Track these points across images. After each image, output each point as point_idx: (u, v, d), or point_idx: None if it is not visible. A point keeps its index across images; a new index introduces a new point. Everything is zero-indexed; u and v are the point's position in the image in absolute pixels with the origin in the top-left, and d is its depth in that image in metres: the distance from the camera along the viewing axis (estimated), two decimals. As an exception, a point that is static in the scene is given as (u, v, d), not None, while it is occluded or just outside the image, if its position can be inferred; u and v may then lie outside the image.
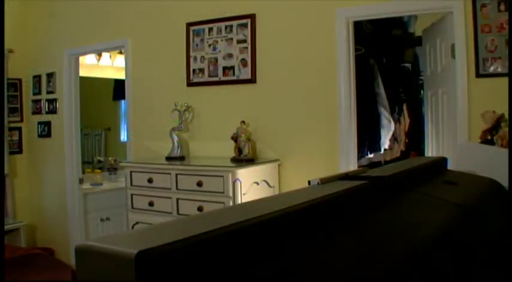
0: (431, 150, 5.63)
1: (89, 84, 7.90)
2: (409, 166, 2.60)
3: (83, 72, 7.48)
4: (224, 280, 1.13)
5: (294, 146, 5.16)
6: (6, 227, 7.04)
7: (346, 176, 2.08)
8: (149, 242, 1.01)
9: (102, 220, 7.51)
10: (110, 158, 8.57)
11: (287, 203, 1.45)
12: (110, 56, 8.61)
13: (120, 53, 8.47)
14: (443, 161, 3.13)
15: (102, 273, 1.01)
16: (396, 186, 2.15)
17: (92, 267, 1.04)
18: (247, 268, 1.22)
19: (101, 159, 8.65)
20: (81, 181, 7.24)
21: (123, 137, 8.96)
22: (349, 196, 1.77)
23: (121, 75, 8.12)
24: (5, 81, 7.19)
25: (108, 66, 8.68)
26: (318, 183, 1.90)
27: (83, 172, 7.52)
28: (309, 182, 1.92)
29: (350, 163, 4.95)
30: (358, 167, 5.09)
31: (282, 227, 1.38)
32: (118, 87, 8.72)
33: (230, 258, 1.16)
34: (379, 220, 1.84)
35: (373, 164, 6.33)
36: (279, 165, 5.21)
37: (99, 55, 8.43)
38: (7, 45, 7.48)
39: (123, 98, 7.88)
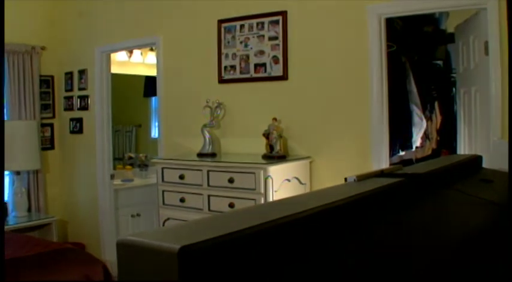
0: (463, 148, 5.58)
1: (120, 81, 7.93)
2: (445, 164, 2.58)
3: (114, 69, 7.51)
4: (267, 274, 1.13)
5: (326, 143, 5.14)
6: (39, 222, 7.11)
7: (382, 173, 2.07)
8: (191, 237, 1.01)
9: (132, 216, 7.56)
10: (140, 155, 8.61)
11: (327, 199, 1.45)
12: (141, 53, 8.64)
13: (151, 50, 8.50)
14: (478, 159, 3.11)
15: (143, 267, 1.02)
16: (433, 183, 2.14)
17: (133, 261, 1.04)
18: (290, 262, 1.22)
19: (132, 155, 8.69)
20: (112, 177, 7.28)
21: (154, 133, 9.00)
22: (387, 193, 1.77)
23: (152, 72, 8.15)
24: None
25: (139, 63, 8.72)
26: (355, 180, 1.89)
27: (114, 168, 7.57)
28: (346, 179, 1.91)
29: (382, 161, 4.92)
30: (390, 164, 5.06)
31: (324, 222, 1.38)
32: (149, 84, 8.76)
33: (273, 253, 1.16)
34: (417, 217, 1.84)
35: (404, 162, 6.28)
36: (310, 162, 5.20)
37: (131, 52, 8.46)
38: (40, 42, 7.56)
39: (154, 94, 7.91)
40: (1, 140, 3.72)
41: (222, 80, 5.79)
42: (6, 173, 7.39)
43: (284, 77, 5.36)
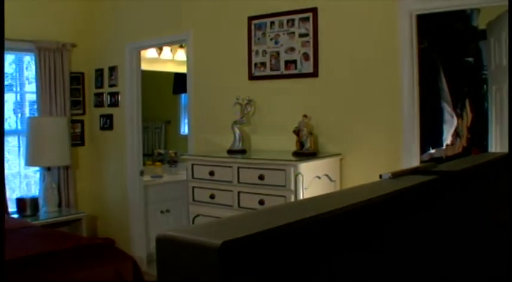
0: (494, 146, 5.53)
1: (149, 78, 7.97)
2: (478, 162, 2.56)
3: (144, 66, 7.55)
4: (305, 270, 1.13)
5: (356, 140, 5.12)
6: (69, 217, 7.18)
7: (416, 170, 2.05)
8: (231, 233, 1.01)
9: (162, 212, 7.60)
10: (170, 151, 8.65)
11: (363, 196, 1.45)
12: (171, 50, 8.68)
13: (181, 47, 8.54)
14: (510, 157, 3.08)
15: (183, 263, 1.02)
16: (468, 181, 2.12)
17: (172, 256, 1.04)
18: (329, 258, 1.22)
19: (161, 152, 8.73)
20: (141, 173, 7.32)
21: (183, 130, 9.03)
22: (423, 190, 1.76)
23: (181, 69, 8.18)
24: None
25: (168, 59, 8.75)
26: (390, 177, 1.88)
27: (144, 164, 7.60)
28: (381, 176, 1.90)
29: (412, 158, 4.89)
30: (420, 162, 5.03)
31: (362, 218, 1.38)
32: (178, 81, 8.79)
33: (311, 249, 1.16)
34: (452, 214, 1.83)
35: (434, 160, 6.25)
36: (340, 159, 5.18)
37: (160, 49, 8.50)
38: (70, 39, 7.61)
39: (183, 91, 7.94)
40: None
41: (252, 77, 5.80)
42: (36, 168, 7.46)
43: (314, 73, 5.35)
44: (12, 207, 6.99)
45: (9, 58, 7.58)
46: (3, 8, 3.95)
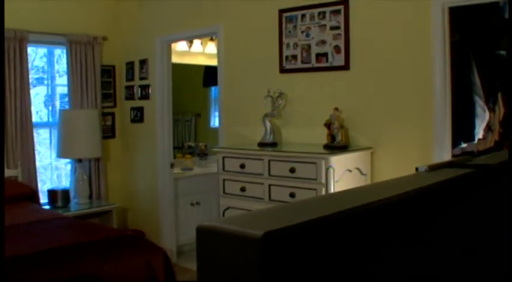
0: (527, 141, 5.48)
1: (179, 71, 7.99)
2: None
3: (174, 59, 7.58)
4: (346, 260, 1.13)
5: (387, 134, 5.09)
6: (100, 209, 7.24)
7: (452, 164, 2.04)
8: (273, 223, 1.01)
9: (192, 204, 7.62)
10: (200, 144, 8.67)
11: (401, 188, 1.44)
12: (201, 43, 8.68)
13: (211, 39, 8.54)
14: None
15: (224, 253, 1.02)
16: (504, 175, 2.11)
17: (213, 247, 1.04)
18: (369, 249, 1.21)
19: (192, 144, 8.75)
20: (172, 166, 7.35)
21: (213, 123, 9.05)
22: (460, 183, 1.75)
23: (211, 62, 8.19)
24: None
25: (199, 52, 8.76)
26: (426, 170, 1.86)
27: (174, 157, 7.62)
28: (417, 169, 1.89)
29: (444, 152, 4.85)
30: (452, 156, 4.99)
31: (401, 210, 1.37)
32: (208, 74, 8.80)
33: (351, 240, 1.15)
34: (488, 208, 1.81)
35: (466, 154, 6.20)
36: (371, 153, 5.16)
37: (191, 42, 8.51)
38: (101, 32, 7.66)
39: (214, 84, 7.95)
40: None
41: (283, 70, 5.78)
42: (67, 160, 7.51)
43: (346, 66, 5.32)
44: (43, 199, 7.04)
45: (40, 51, 7.65)
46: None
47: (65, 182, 7.81)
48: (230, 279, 0.99)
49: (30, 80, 7.11)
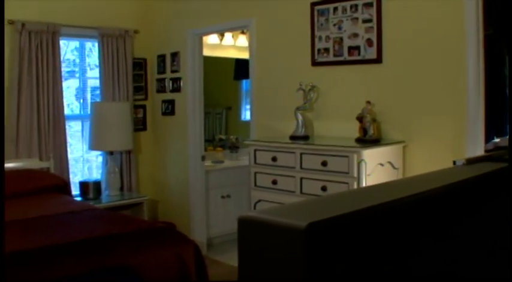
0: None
1: (210, 64, 7.99)
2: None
3: (205, 52, 7.58)
4: (385, 252, 1.13)
5: (419, 127, 5.05)
6: (131, 201, 7.29)
7: (490, 158, 2.03)
8: (315, 215, 1.01)
9: (222, 197, 7.63)
10: (231, 137, 8.68)
11: (441, 181, 1.43)
12: (232, 36, 8.69)
13: (242, 32, 8.54)
14: None
15: (266, 243, 1.02)
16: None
17: (255, 238, 1.04)
18: (407, 241, 1.21)
19: (223, 137, 8.77)
20: (203, 158, 7.36)
21: (244, 116, 9.05)
22: (498, 177, 1.73)
23: (242, 55, 8.20)
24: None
25: (230, 45, 8.77)
26: (464, 164, 1.86)
27: (205, 150, 7.64)
28: (454, 162, 1.88)
29: (477, 147, 4.80)
30: (484, 151, 4.95)
31: (441, 203, 1.36)
32: (239, 67, 8.80)
33: (392, 232, 1.15)
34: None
35: (499, 149, 6.14)
36: (403, 147, 5.13)
37: (222, 35, 8.52)
38: (133, 25, 7.70)
39: (244, 77, 7.96)
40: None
41: (315, 63, 5.77)
42: (99, 153, 7.57)
43: (378, 60, 5.29)
44: (75, 191, 7.10)
45: (71, 45, 7.70)
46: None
47: (95, 174, 7.87)
48: (273, 268, 1.00)
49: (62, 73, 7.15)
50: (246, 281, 1.06)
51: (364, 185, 4.60)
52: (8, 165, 6.52)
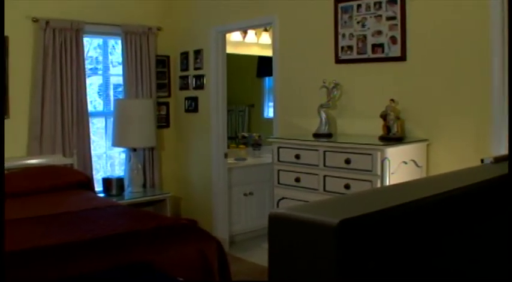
0: None
1: (233, 61, 7.99)
2: None
3: (228, 49, 7.58)
4: (415, 249, 1.13)
5: (443, 126, 5.02)
6: (153, 198, 7.32)
7: (518, 155, 2.01)
8: (345, 212, 1.01)
9: (245, 194, 7.64)
10: (254, 134, 8.69)
11: (470, 179, 1.43)
12: (255, 33, 8.69)
13: (265, 30, 8.55)
14: None
15: (297, 239, 1.02)
16: None
17: (285, 234, 1.05)
18: (435, 240, 1.21)
19: (245, 134, 8.78)
20: (225, 156, 7.37)
21: (266, 113, 9.06)
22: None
23: (265, 53, 8.20)
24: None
25: (253, 43, 8.77)
26: (492, 162, 1.85)
27: (227, 147, 7.65)
28: (482, 161, 1.87)
29: (502, 146, 4.77)
30: (509, 150, 4.91)
31: (473, 199, 1.36)
32: (262, 64, 8.81)
33: (422, 229, 1.15)
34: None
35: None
36: (427, 145, 5.10)
37: (245, 32, 8.52)
38: (156, 23, 7.72)
39: (267, 75, 7.96)
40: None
41: (338, 60, 5.75)
42: (121, 149, 7.61)
43: (402, 57, 5.27)
44: (98, 187, 7.13)
45: (94, 42, 7.74)
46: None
47: (117, 171, 7.91)
48: (303, 265, 1.00)
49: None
50: (276, 277, 1.06)
51: (387, 183, 4.59)
52: (32, 161, 6.60)
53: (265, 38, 8.67)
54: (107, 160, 8.03)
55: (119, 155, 7.98)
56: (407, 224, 1.16)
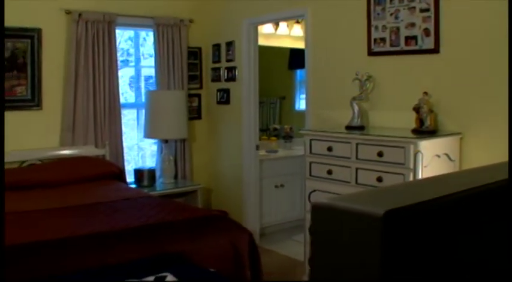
0: None
1: (265, 54, 7.99)
2: None
3: (260, 41, 7.58)
4: (460, 240, 1.13)
5: (477, 119, 4.97)
6: (185, 189, 7.36)
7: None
8: (390, 203, 1.01)
9: (276, 186, 7.65)
10: (286, 126, 8.69)
11: (504, 174, 1.42)
12: (287, 25, 8.68)
13: (297, 22, 8.53)
14: None
15: (341, 230, 1.02)
16: None
17: (329, 224, 1.05)
18: (478, 231, 1.21)
19: (277, 127, 8.78)
20: (257, 148, 7.37)
21: (298, 105, 9.06)
22: None
23: (297, 45, 8.19)
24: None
25: (284, 35, 8.77)
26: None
27: (259, 139, 7.65)
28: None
29: (536, 139, 4.73)
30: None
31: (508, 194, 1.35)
32: (294, 57, 8.80)
33: (466, 220, 1.15)
34: None
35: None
36: (460, 138, 5.06)
37: (277, 24, 8.52)
38: (188, 15, 7.73)
39: (299, 67, 7.95)
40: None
41: (371, 53, 5.73)
42: (152, 141, 7.65)
43: (435, 50, 5.22)
44: (129, 178, 7.18)
45: (125, 35, 7.78)
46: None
47: (148, 162, 7.96)
48: (347, 255, 1.00)
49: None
50: (319, 267, 1.06)
51: (420, 176, 4.57)
52: (64, 152, 6.66)
53: (297, 30, 8.67)
54: (138, 151, 8.08)
55: (150, 146, 8.02)
56: (448, 215, 1.16)
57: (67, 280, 3.59)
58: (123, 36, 7.77)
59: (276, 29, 8.60)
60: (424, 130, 4.98)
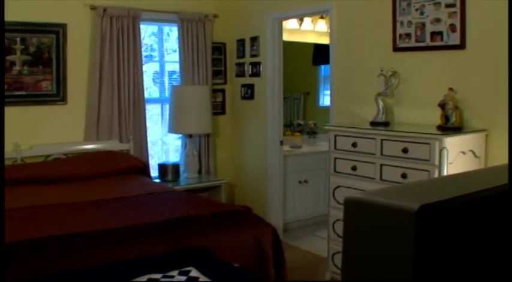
0: None
1: (289, 49, 7.99)
2: None
3: (284, 37, 7.57)
4: (492, 235, 1.12)
5: (503, 116, 4.91)
6: (208, 184, 7.37)
7: None
8: (425, 197, 1.01)
9: (300, 182, 7.65)
10: (310, 122, 8.68)
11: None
12: (311, 21, 8.66)
13: (322, 17, 8.51)
14: None
15: (374, 224, 1.02)
16: None
17: (362, 218, 1.05)
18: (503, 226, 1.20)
19: (301, 122, 8.78)
20: (281, 143, 7.37)
21: (322, 101, 9.04)
22: None
23: (321, 40, 8.18)
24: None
25: (309, 30, 8.76)
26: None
27: (283, 134, 7.64)
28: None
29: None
30: None
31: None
32: (318, 52, 8.79)
33: (499, 215, 1.14)
34: None
35: None
36: (486, 135, 5.03)
37: (301, 20, 8.51)
38: (212, 10, 7.73)
39: (323, 62, 7.93)
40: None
41: (396, 48, 5.70)
42: (178, 136, 7.67)
43: (461, 46, 5.19)
44: (153, 173, 7.20)
45: (148, 30, 7.80)
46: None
47: (172, 157, 7.98)
48: (380, 249, 1.00)
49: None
50: (351, 260, 1.06)
51: (445, 173, 4.55)
52: (89, 146, 6.71)
53: (322, 25, 8.65)
54: (162, 146, 8.10)
55: (174, 141, 8.04)
56: (480, 211, 1.16)
57: (92, 273, 3.61)
58: (146, 32, 7.78)
59: (300, 25, 8.59)
60: (450, 127, 4.95)
